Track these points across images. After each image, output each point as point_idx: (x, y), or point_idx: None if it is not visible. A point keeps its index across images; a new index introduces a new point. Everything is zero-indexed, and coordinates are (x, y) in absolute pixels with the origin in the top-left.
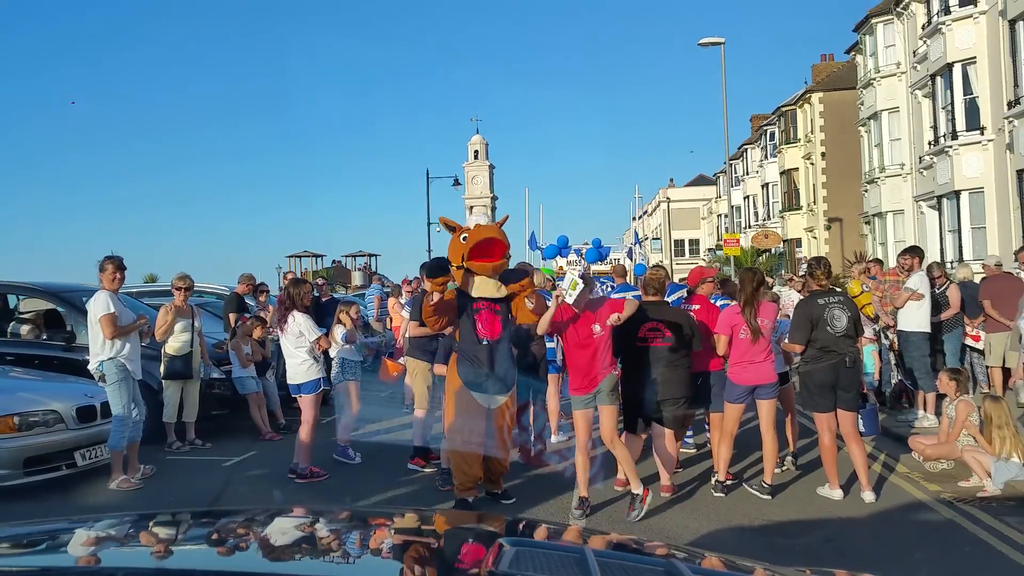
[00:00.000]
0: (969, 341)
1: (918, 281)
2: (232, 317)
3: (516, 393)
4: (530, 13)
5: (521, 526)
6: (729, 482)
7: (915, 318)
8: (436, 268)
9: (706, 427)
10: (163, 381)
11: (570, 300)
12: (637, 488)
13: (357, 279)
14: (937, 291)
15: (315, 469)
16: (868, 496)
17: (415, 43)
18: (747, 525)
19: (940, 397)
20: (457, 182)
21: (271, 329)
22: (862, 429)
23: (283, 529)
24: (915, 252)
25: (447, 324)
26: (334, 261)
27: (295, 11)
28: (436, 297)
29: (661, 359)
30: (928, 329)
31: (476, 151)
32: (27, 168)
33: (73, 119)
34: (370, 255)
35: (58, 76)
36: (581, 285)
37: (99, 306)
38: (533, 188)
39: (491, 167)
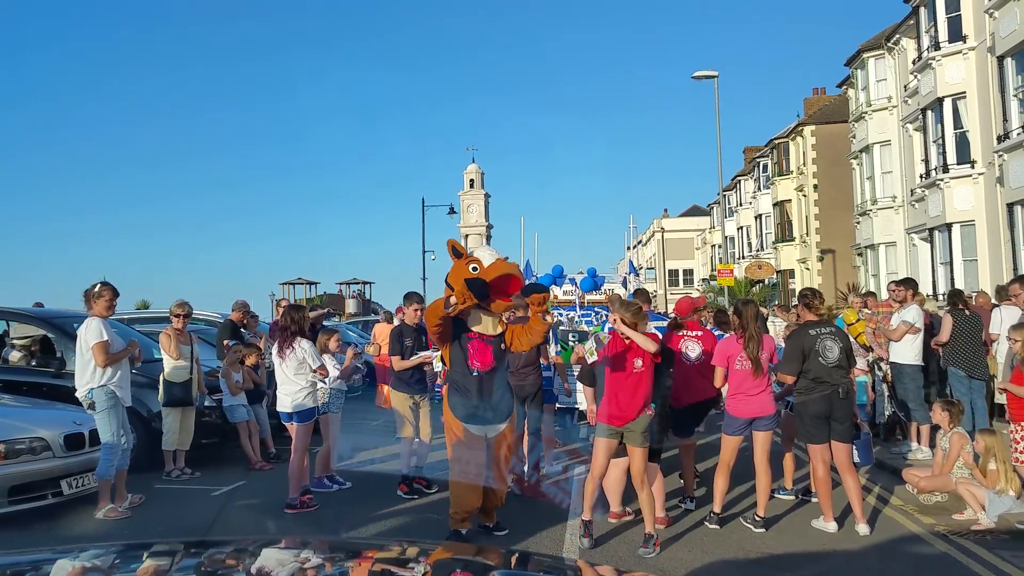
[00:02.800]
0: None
1: (915, 314)
2: (226, 344)
3: (515, 423)
4: (526, 45)
5: (515, 559)
6: (724, 513)
7: (909, 351)
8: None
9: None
10: (164, 408)
11: (591, 358)
12: (652, 528)
13: (351, 307)
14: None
15: (305, 499)
16: (863, 529)
17: (414, 74)
18: (741, 558)
19: (934, 429)
20: (452, 210)
21: (264, 356)
22: (857, 460)
23: (273, 561)
24: (908, 284)
25: (442, 337)
26: (339, 288)
27: (288, 45)
28: (453, 302)
29: None
30: (921, 361)
31: (472, 180)
32: (21, 193)
33: (70, 146)
34: (364, 283)
35: (60, 102)
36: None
37: (92, 333)
38: (528, 217)
39: (486, 196)
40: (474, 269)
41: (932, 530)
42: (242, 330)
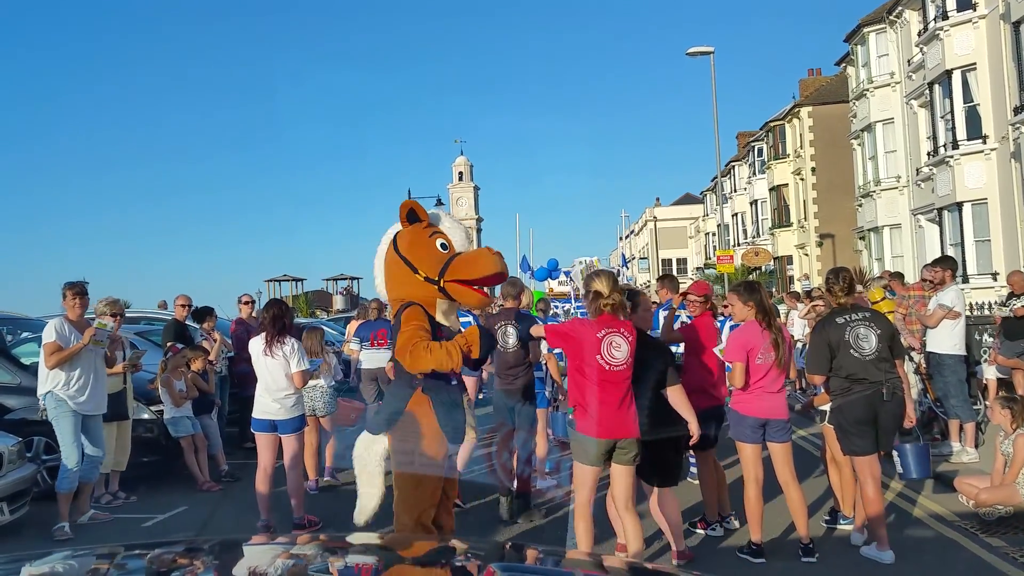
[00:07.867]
0: None
1: (954, 297)
2: (171, 347)
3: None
4: (510, 41)
5: (512, 549)
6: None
7: (948, 339)
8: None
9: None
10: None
11: None
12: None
13: (339, 303)
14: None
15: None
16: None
17: (401, 73)
18: None
19: (978, 426)
20: (440, 201)
21: (214, 361)
22: (912, 472)
23: (264, 554)
24: (946, 263)
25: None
26: (326, 285)
27: (280, 42)
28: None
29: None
30: (963, 351)
31: (461, 172)
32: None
33: (48, 149)
34: (352, 278)
35: (39, 105)
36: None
37: (45, 333)
38: (519, 210)
39: (476, 188)
40: (443, 247)
41: (1008, 557)
42: (199, 327)
